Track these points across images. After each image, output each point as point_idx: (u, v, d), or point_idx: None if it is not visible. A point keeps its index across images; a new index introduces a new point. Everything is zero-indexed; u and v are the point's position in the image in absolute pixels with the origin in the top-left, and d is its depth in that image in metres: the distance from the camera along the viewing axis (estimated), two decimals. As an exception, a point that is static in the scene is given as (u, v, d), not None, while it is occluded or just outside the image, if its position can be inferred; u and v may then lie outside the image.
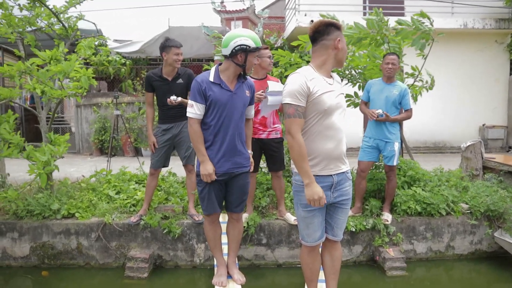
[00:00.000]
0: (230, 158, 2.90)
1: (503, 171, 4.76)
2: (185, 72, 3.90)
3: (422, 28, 4.32)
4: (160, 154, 3.92)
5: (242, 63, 2.82)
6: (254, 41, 2.78)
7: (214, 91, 2.81)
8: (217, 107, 2.83)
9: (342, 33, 2.40)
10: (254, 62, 2.90)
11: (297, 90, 2.30)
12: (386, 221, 4.02)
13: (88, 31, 6.79)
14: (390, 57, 4.01)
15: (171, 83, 3.83)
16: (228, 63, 2.86)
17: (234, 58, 2.81)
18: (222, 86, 2.84)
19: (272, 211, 4.18)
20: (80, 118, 10.03)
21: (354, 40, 4.45)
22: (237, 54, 2.78)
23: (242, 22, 10.95)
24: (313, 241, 2.57)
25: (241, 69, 2.87)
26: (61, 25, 4.93)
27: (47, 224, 3.97)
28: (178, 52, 3.73)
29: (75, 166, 7.65)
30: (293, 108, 2.31)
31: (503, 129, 10.34)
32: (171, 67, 3.79)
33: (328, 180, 2.42)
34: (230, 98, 2.85)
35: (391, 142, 4.00)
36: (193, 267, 3.98)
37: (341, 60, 2.43)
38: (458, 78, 10.09)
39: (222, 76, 2.88)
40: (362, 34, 4.41)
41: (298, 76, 2.33)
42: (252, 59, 2.85)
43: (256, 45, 2.79)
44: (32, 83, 3.90)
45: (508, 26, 9.99)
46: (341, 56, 2.41)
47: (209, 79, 2.84)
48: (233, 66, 2.84)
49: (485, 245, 4.23)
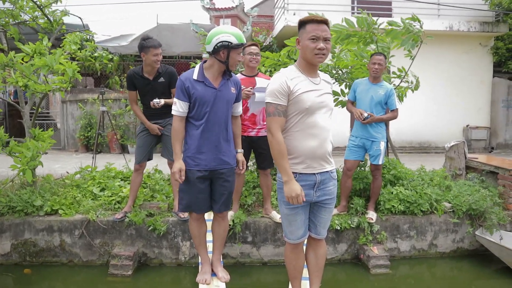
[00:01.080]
0: (214, 155, 2.89)
1: (485, 171, 4.85)
2: (166, 70, 3.87)
3: (412, 30, 4.37)
4: (144, 149, 3.90)
5: (225, 60, 2.80)
6: (237, 37, 2.77)
7: (197, 89, 2.82)
8: (201, 104, 2.83)
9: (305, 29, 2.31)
10: (237, 59, 2.86)
11: (277, 89, 2.33)
12: (371, 219, 4.07)
13: (74, 25, 6.69)
14: (376, 57, 4.04)
15: (153, 82, 3.81)
16: (212, 60, 2.86)
17: (217, 54, 2.80)
18: (206, 84, 2.84)
19: (258, 209, 4.18)
20: (65, 114, 9.88)
21: (343, 36, 4.47)
22: (219, 51, 2.78)
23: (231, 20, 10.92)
24: (295, 239, 2.59)
25: (224, 66, 2.85)
26: (45, 18, 4.85)
27: (30, 221, 3.91)
28: (157, 52, 3.69)
29: (60, 162, 7.53)
30: (273, 106, 2.33)
31: (486, 130, 10.55)
32: (150, 67, 3.76)
33: (311, 179, 2.43)
34: (214, 95, 2.85)
35: (377, 141, 4.04)
36: (178, 265, 3.97)
37: (306, 58, 2.35)
38: (444, 79, 10.26)
39: (207, 73, 2.88)
40: (352, 31, 4.43)
41: (279, 76, 2.36)
42: (235, 55, 2.83)
43: (239, 41, 2.78)
44: (15, 76, 3.83)
45: (492, 29, 10.19)
46: (303, 53, 2.36)
47: (192, 77, 2.85)
48: (217, 63, 2.84)
49: (467, 243, 4.31)
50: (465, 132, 10.55)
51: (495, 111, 10.73)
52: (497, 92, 10.67)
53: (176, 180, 2.91)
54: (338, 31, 4.42)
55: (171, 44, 10.37)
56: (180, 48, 10.55)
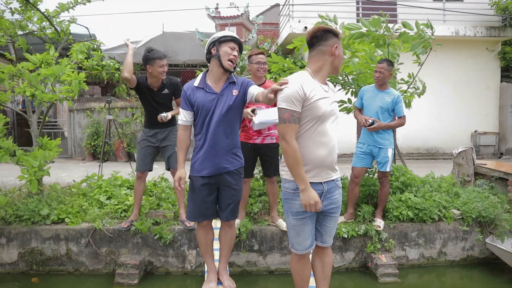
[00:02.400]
0: (217, 160, 2.87)
1: (494, 177, 4.79)
2: (170, 82, 3.88)
3: (424, 35, 4.35)
4: (145, 158, 3.90)
5: (216, 53, 2.81)
6: (223, 34, 2.85)
7: (197, 96, 2.85)
8: (203, 111, 2.85)
9: (340, 40, 2.39)
10: (228, 52, 2.82)
11: (293, 95, 2.25)
12: (378, 227, 4.02)
13: (81, 35, 6.77)
14: (379, 65, 4.02)
15: (157, 93, 3.83)
16: (210, 64, 2.90)
17: (210, 53, 2.86)
18: (206, 90, 2.85)
19: (264, 217, 4.16)
20: (73, 122, 9.97)
21: (356, 35, 4.45)
22: (210, 49, 2.84)
23: (236, 28, 10.97)
24: (303, 249, 2.53)
25: (219, 64, 2.81)
26: (53, 29, 4.90)
27: (36, 230, 3.92)
28: (162, 64, 3.70)
29: (67, 171, 7.58)
30: (289, 113, 2.27)
31: (494, 136, 10.44)
32: (156, 78, 3.77)
33: (318, 188, 2.40)
34: (215, 100, 2.84)
35: (384, 148, 4.01)
36: (184, 274, 3.94)
37: (337, 67, 2.42)
38: (451, 85, 10.19)
39: (208, 79, 2.89)
40: (366, 31, 4.41)
41: (294, 81, 2.30)
42: (226, 48, 2.81)
43: (224, 34, 2.83)
44: (23, 86, 3.87)
45: (498, 34, 10.12)
46: (337, 63, 2.40)
47: (194, 84, 2.89)
48: (213, 63, 2.86)
49: (477, 251, 4.24)
50: (473, 138, 10.44)
51: (504, 116, 10.62)
52: (505, 97, 10.57)
53: (176, 188, 2.93)
54: (351, 28, 4.40)
55: (177, 52, 10.45)
56: (185, 56, 10.63)
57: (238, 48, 2.87)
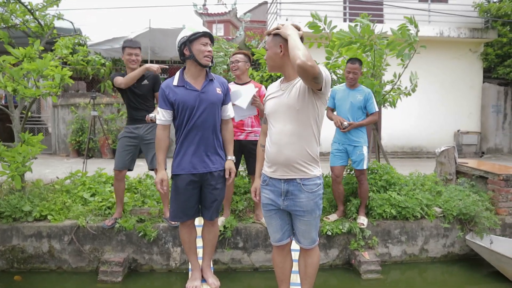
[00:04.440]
0: (201, 159, 2.86)
1: (475, 175, 4.89)
2: (150, 74, 3.82)
3: (409, 39, 4.40)
4: (123, 155, 3.81)
5: (189, 54, 2.77)
6: (190, 29, 2.77)
7: (178, 94, 2.80)
8: (184, 109, 2.80)
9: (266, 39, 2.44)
10: (202, 49, 2.76)
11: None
12: (362, 224, 4.07)
13: (66, 29, 6.66)
14: (351, 66, 4.04)
15: (136, 84, 3.75)
16: (186, 64, 2.87)
17: (183, 55, 2.81)
18: (187, 87, 2.81)
19: (249, 215, 4.17)
20: (57, 118, 9.81)
21: (345, 42, 4.50)
22: (183, 50, 2.78)
23: (224, 25, 10.96)
24: (273, 241, 2.63)
25: (195, 63, 2.79)
26: (36, 22, 4.81)
27: (18, 227, 3.85)
28: (131, 52, 3.67)
29: (50, 167, 7.46)
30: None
31: (476, 135, 10.67)
32: (129, 69, 3.73)
33: (278, 186, 2.40)
34: (197, 97, 2.81)
35: (359, 146, 4.06)
36: (169, 271, 3.93)
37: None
38: (435, 85, 10.37)
39: (187, 77, 2.86)
40: (355, 39, 4.45)
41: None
42: (199, 46, 2.75)
43: (192, 31, 2.75)
44: (4, 80, 3.79)
45: (481, 35, 10.34)
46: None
47: (172, 83, 2.84)
48: (189, 63, 2.83)
49: (457, 248, 4.33)
50: (456, 137, 10.66)
51: (486, 116, 10.86)
52: (487, 98, 10.81)
53: (158, 190, 2.90)
54: (341, 38, 4.44)
55: (164, 49, 10.37)
56: (172, 53, 10.54)
57: (210, 41, 2.81)
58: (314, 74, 2.06)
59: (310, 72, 2.03)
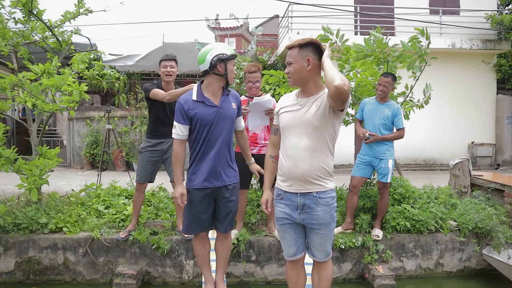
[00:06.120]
0: (216, 173, 2.89)
1: (490, 188, 4.82)
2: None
3: (419, 51, 4.41)
4: (146, 169, 3.86)
5: (224, 73, 2.81)
6: (228, 50, 2.83)
7: (198, 110, 2.80)
8: (203, 124, 2.82)
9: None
10: (233, 70, 2.89)
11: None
12: (377, 236, 4.04)
13: (83, 45, 6.83)
14: (384, 79, 4.08)
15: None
16: (209, 78, 2.85)
17: (215, 69, 2.79)
18: (206, 103, 2.83)
19: (262, 228, 4.17)
20: (72, 131, 9.99)
21: (361, 56, 4.54)
22: (217, 65, 2.78)
23: (236, 39, 11.09)
24: (287, 256, 2.61)
25: (224, 81, 2.85)
26: (55, 39, 4.97)
27: (34, 239, 3.92)
28: (166, 64, 3.73)
29: (65, 179, 7.58)
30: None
31: (491, 147, 10.50)
32: (164, 82, 3.79)
33: (294, 200, 2.41)
34: (216, 113, 2.85)
35: (385, 159, 4.05)
36: (182, 284, 3.94)
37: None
38: (447, 96, 10.29)
39: (206, 92, 2.86)
40: (370, 52, 4.49)
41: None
42: (232, 67, 2.85)
43: (231, 52, 2.83)
44: (24, 96, 3.90)
45: (494, 46, 10.26)
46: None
47: (192, 98, 2.83)
48: (215, 78, 2.83)
49: (474, 262, 4.25)
50: (470, 149, 10.51)
51: (500, 128, 10.70)
52: (501, 109, 10.67)
53: (178, 204, 2.88)
54: (357, 51, 4.48)
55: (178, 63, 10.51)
56: (185, 67, 10.69)
57: None
58: (347, 97, 2.11)
59: (344, 95, 2.07)
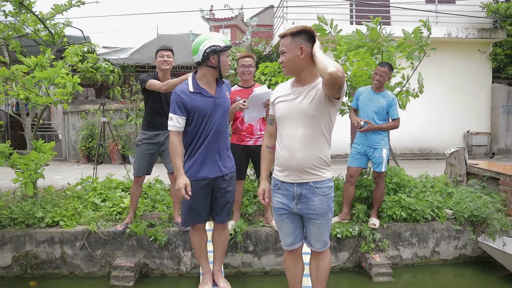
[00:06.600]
0: (214, 164, 2.89)
1: (486, 177, 4.85)
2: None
3: (420, 42, 4.38)
4: (143, 162, 3.85)
5: (217, 65, 2.77)
6: (222, 40, 2.78)
7: (195, 101, 2.77)
8: (201, 116, 2.79)
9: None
10: (227, 62, 2.85)
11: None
12: (374, 225, 4.06)
13: (76, 37, 6.75)
14: (380, 68, 4.05)
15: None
16: (203, 69, 2.82)
17: (208, 61, 2.76)
18: (204, 94, 2.80)
19: (259, 218, 4.18)
20: (67, 125, 9.93)
21: (353, 46, 4.50)
22: (209, 57, 2.75)
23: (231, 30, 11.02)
24: (285, 246, 2.62)
25: (217, 73, 2.82)
26: (47, 31, 4.90)
27: (31, 233, 3.91)
28: (163, 54, 3.71)
29: (61, 173, 7.55)
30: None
31: (486, 136, 10.56)
32: (161, 72, 3.76)
33: (291, 190, 2.41)
34: (213, 103, 2.83)
35: (379, 149, 4.06)
36: (180, 275, 3.95)
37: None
38: (443, 86, 10.30)
39: (201, 83, 2.83)
40: (362, 42, 4.45)
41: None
42: (225, 59, 2.81)
43: (225, 43, 2.78)
44: (17, 89, 3.86)
45: (490, 35, 10.26)
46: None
47: (188, 89, 2.79)
48: (209, 70, 2.80)
49: (469, 250, 4.29)
50: (466, 138, 10.56)
51: (495, 117, 10.75)
52: (496, 98, 10.70)
53: (183, 196, 2.77)
54: (348, 42, 4.45)
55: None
56: (180, 59, 10.62)
57: None
58: (341, 84, 2.06)
59: (339, 82, 2.03)
